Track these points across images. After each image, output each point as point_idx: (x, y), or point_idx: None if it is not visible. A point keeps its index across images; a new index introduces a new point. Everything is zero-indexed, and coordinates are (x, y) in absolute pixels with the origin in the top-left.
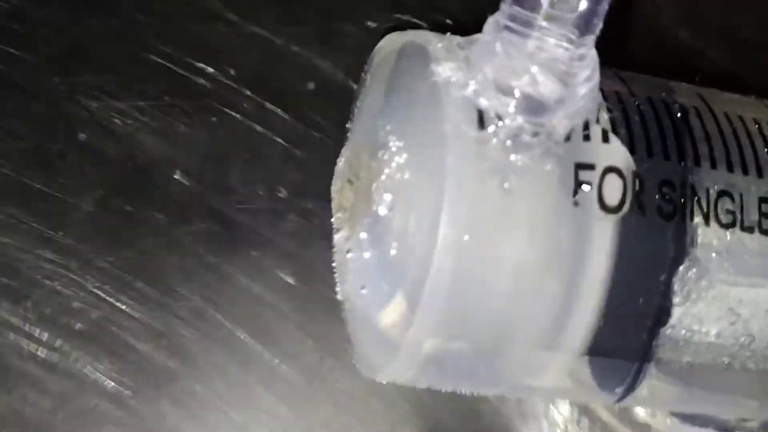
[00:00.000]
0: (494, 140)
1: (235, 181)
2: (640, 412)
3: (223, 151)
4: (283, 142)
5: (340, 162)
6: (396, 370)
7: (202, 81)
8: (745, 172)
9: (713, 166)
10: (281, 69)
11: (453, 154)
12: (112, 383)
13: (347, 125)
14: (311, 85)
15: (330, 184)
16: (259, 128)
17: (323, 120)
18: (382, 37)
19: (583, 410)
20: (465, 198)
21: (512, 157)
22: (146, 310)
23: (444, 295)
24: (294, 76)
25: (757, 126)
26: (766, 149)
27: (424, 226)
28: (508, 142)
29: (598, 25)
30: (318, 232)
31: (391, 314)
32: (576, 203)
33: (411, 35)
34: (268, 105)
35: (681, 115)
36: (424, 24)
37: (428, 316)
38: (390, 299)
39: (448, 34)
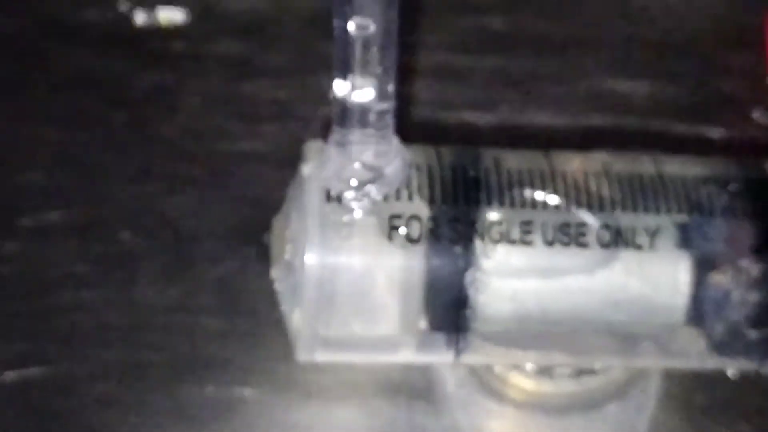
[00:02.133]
0: (336, 207)
1: None
2: None
3: None
4: None
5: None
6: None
7: None
8: (512, 206)
9: (488, 204)
10: None
11: (311, 218)
12: None
13: None
14: None
15: None
16: None
17: None
18: None
19: None
20: (320, 243)
21: (347, 217)
22: None
23: (313, 304)
24: None
25: (525, 173)
26: (524, 191)
27: (299, 262)
28: (345, 207)
29: (392, 127)
30: None
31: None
32: (390, 238)
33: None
34: None
35: (472, 173)
36: None
37: (307, 313)
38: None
39: None
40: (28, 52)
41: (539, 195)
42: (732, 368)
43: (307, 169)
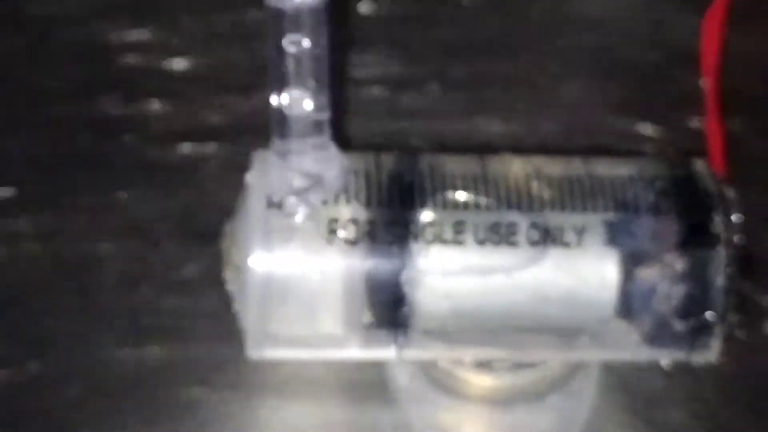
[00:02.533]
0: (278, 212)
1: None
2: None
3: None
4: None
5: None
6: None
7: None
8: (444, 207)
9: (422, 206)
10: None
11: (254, 223)
12: None
13: None
14: None
15: None
16: None
17: None
18: None
19: None
20: (263, 246)
21: (286, 221)
22: None
23: (257, 299)
24: None
25: (459, 177)
26: (456, 193)
27: (244, 264)
28: (287, 212)
29: (329, 136)
30: None
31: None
32: (329, 241)
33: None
34: None
35: (408, 178)
36: None
37: (253, 313)
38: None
39: None
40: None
41: (470, 197)
42: (664, 359)
43: (251, 177)
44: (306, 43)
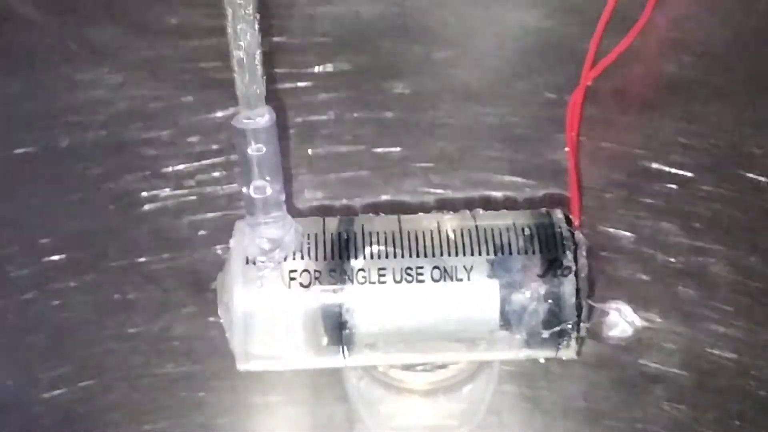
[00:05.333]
0: (252, 267)
1: None
2: None
3: None
4: None
5: None
6: (242, 365)
7: None
8: (371, 257)
9: (355, 257)
10: None
11: (236, 274)
12: None
13: None
14: None
15: None
16: None
17: None
18: None
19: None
20: (242, 291)
21: (258, 272)
22: None
23: (239, 329)
24: None
25: (381, 233)
26: (378, 246)
27: (230, 304)
28: (259, 267)
29: (285, 210)
30: None
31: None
32: (289, 287)
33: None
34: None
35: (345, 236)
36: None
37: (237, 339)
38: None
39: None
40: None
41: (389, 249)
42: (540, 356)
43: (232, 242)
44: (263, 149)
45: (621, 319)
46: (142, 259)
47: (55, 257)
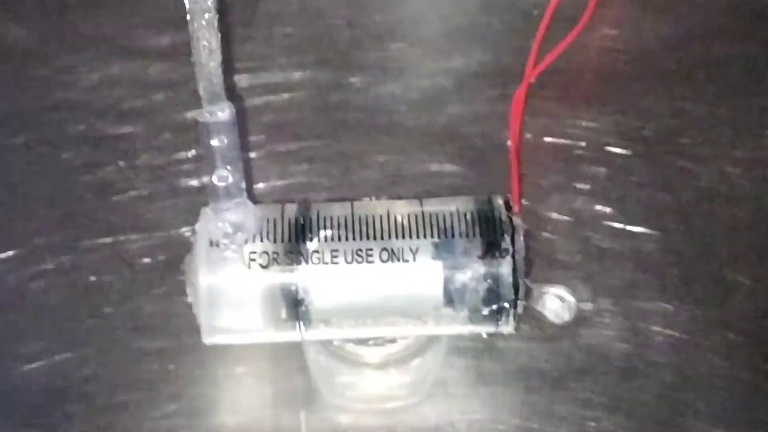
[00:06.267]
0: (216, 249)
1: None
2: None
3: None
4: None
5: None
6: (208, 338)
7: None
8: (325, 240)
9: (310, 240)
10: None
11: (201, 256)
12: None
13: None
14: None
15: None
16: None
17: None
18: None
19: None
20: (207, 271)
21: (222, 254)
22: None
23: (205, 306)
24: None
25: (335, 218)
26: (331, 230)
27: (196, 283)
28: (222, 249)
29: (245, 196)
30: None
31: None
32: (250, 267)
33: None
34: None
35: (301, 221)
36: None
37: (203, 314)
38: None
39: None
40: None
41: (341, 232)
42: (482, 331)
43: (198, 226)
44: (225, 140)
45: (560, 303)
46: (114, 241)
47: (36, 240)
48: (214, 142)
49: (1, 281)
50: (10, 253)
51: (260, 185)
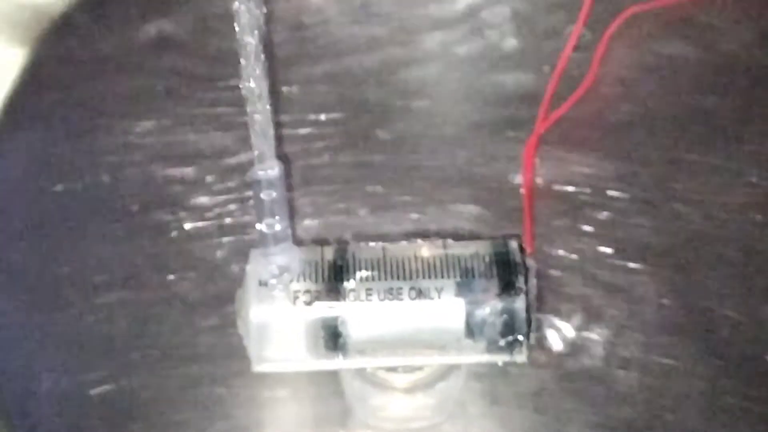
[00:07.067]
0: (265, 288)
1: None
2: None
3: None
4: None
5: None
6: (257, 367)
7: None
8: (360, 280)
9: (347, 280)
10: None
11: (251, 293)
12: None
13: None
14: None
15: None
16: None
17: None
18: None
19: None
20: (257, 307)
21: (270, 292)
22: None
23: (255, 339)
24: None
25: (368, 260)
26: (366, 271)
27: (247, 317)
28: (270, 288)
29: (291, 241)
30: None
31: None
32: (295, 304)
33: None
34: None
35: (339, 262)
36: None
37: (252, 346)
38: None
39: None
40: None
41: (375, 273)
42: (498, 360)
43: (249, 267)
44: (273, 194)
45: (563, 333)
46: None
47: (100, 278)
48: (264, 196)
49: (70, 315)
50: (76, 289)
51: (298, 222)
